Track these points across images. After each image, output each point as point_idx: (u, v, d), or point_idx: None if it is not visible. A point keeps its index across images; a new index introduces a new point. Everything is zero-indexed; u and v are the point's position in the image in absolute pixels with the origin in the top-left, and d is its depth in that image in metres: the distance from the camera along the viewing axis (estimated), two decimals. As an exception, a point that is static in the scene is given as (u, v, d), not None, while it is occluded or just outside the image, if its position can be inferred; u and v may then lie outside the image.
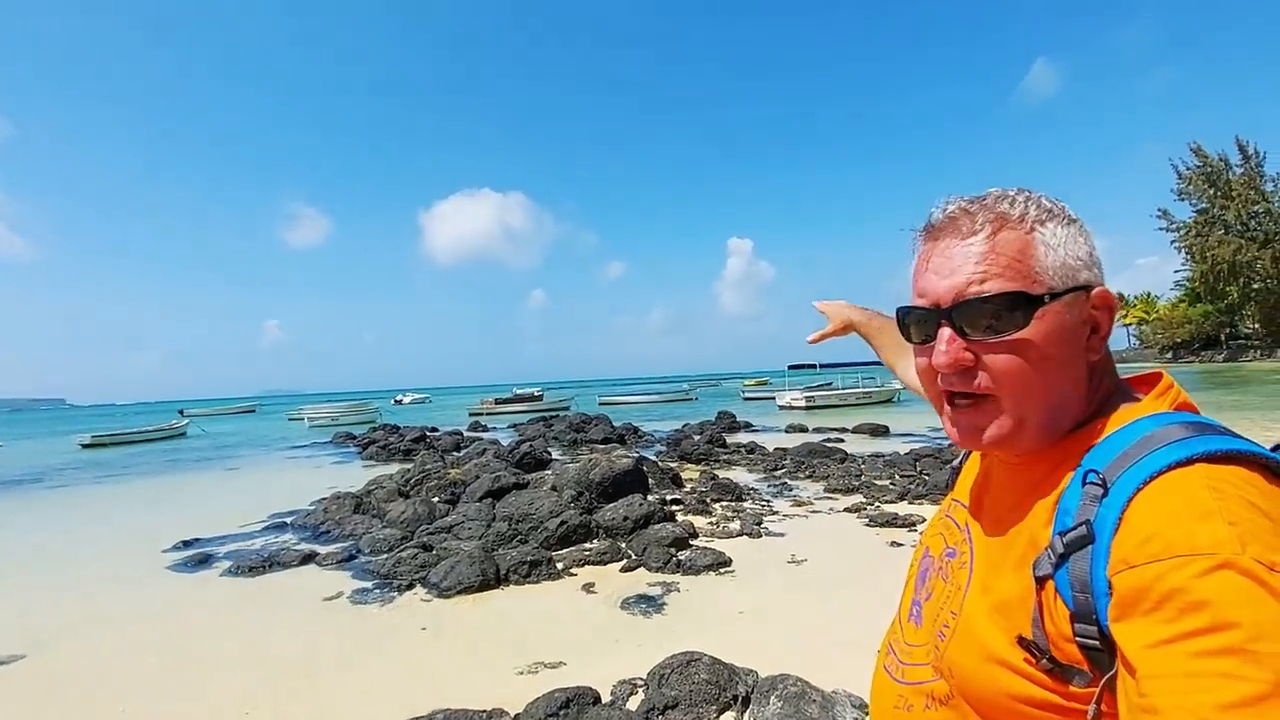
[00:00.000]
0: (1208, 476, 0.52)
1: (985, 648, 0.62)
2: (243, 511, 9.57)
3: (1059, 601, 0.56)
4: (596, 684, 3.49)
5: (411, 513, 7.75)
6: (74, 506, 11.82)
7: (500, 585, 5.52)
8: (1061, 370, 0.64)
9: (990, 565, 0.67)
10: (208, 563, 6.95)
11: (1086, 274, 0.65)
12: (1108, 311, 0.66)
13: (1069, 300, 0.63)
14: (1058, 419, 0.65)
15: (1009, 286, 0.62)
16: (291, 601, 5.53)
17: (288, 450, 20.94)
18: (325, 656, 4.30)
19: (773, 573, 5.68)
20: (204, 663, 4.30)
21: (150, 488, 13.94)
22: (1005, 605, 0.62)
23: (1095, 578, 0.53)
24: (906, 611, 0.82)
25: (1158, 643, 0.48)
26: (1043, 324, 0.62)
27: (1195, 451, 0.54)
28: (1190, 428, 0.57)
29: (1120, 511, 0.54)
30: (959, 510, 0.80)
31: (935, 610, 0.73)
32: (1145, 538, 0.51)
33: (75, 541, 8.59)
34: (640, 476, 8.31)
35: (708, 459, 12.78)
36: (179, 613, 5.40)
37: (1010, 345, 0.63)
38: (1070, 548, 0.56)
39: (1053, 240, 0.64)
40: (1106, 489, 0.56)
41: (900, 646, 0.80)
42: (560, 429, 18.92)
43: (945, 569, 0.75)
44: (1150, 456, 0.55)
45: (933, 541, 0.83)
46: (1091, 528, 0.55)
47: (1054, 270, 0.63)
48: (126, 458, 20.63)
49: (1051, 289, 0.63)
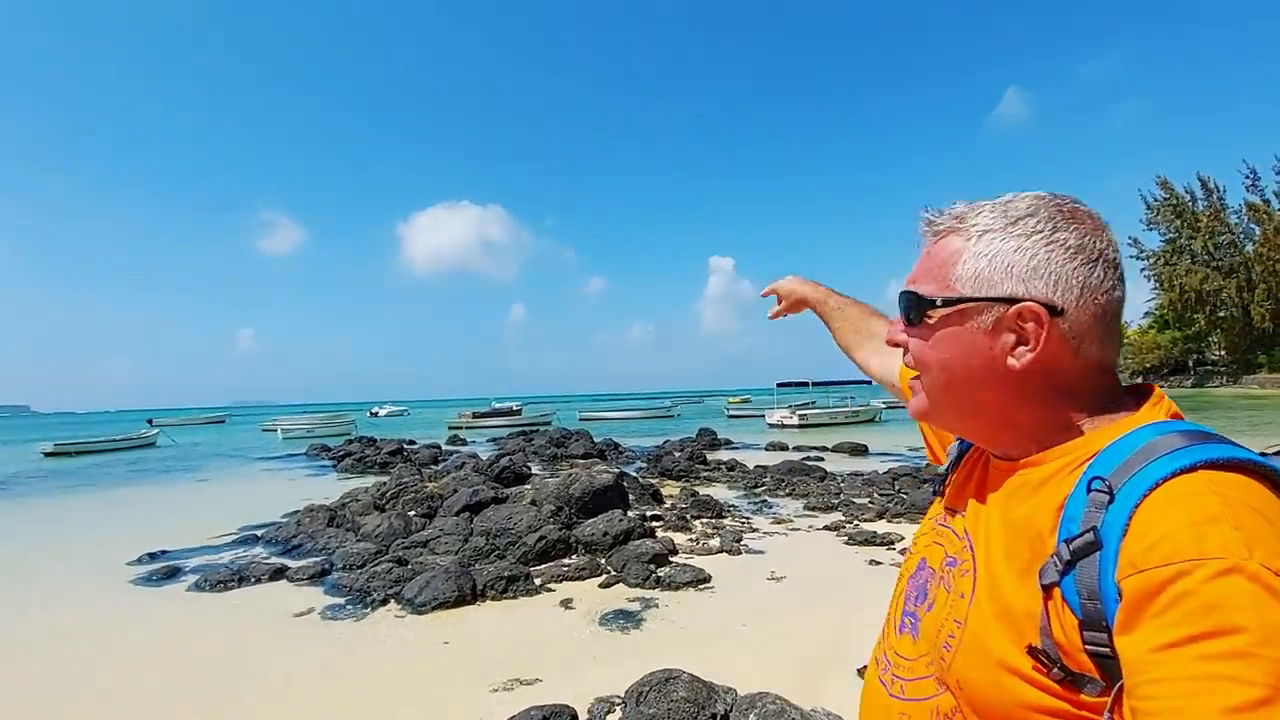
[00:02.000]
0: (1212, 483, 0.53)
1: (995, 657, 0.61)
2: (212, 524, 9.32)
3: (1066, 609, 0.56)
4: (574, 701, 3.44)
5: (387, 527, 7.61)
6: (34, 517, 11.44)
7: (477, 601, 5.43)
8: (961, 369, 0.69)
9: (995, 573, 0.66)
10: (174, 576, 6.76)
11: (1013, 287, 0.66)
12: (1035, 325, 0.65)
13: (968, 308, 0.68)
14: (986, 415, 0.70)
15: (918, 288, 0.72)
16: (260, 618, 5.38)
17: (260, 462, 20.51)
18: (294, 676, 4.18)
19: (752, 590, 5.66)
20: (166, 682, 4.15)
21: (115, 498, 13.55)
22: (1012, 614, 0.61)
23: (1104, 584, 0.54)
24: (897, 622, 0.80)
25: (1165, 645, 0.48)
26: (933, 325, 0.70)
27: (1198, 459, 0.54)
28: (1190, 436, 0.58)
29: (1127, 517, 0.54)
30: (956, 519, 0.79)
31: (938, 621, 0.71)
32: (1153, 542, 0.51)
33: (34, 553, 8.30)
34: (620, 492, 8.27)
35: (688, 475, 12.77)
36: (142, 629, 5.23)
37: (918, 333, 0.73)
38: (1077, 554, 0.56)
39: (983, 250, 0.68)
40: (1113, 496, 0.56)
41: (894, 659, 0.78)
42: (540, 444, 18.79)
43: (947, 578, 0.74)
44: (1155, 463, 0.56)
45: (929, 552, 0.81)
46: (1098, 534, 0.55)
47: (964, 279, 0.68)
48: (91, 467, 20.04)
49: (947, 295, 0.69)
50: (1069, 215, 0.67)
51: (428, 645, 4.61)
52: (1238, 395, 41.38)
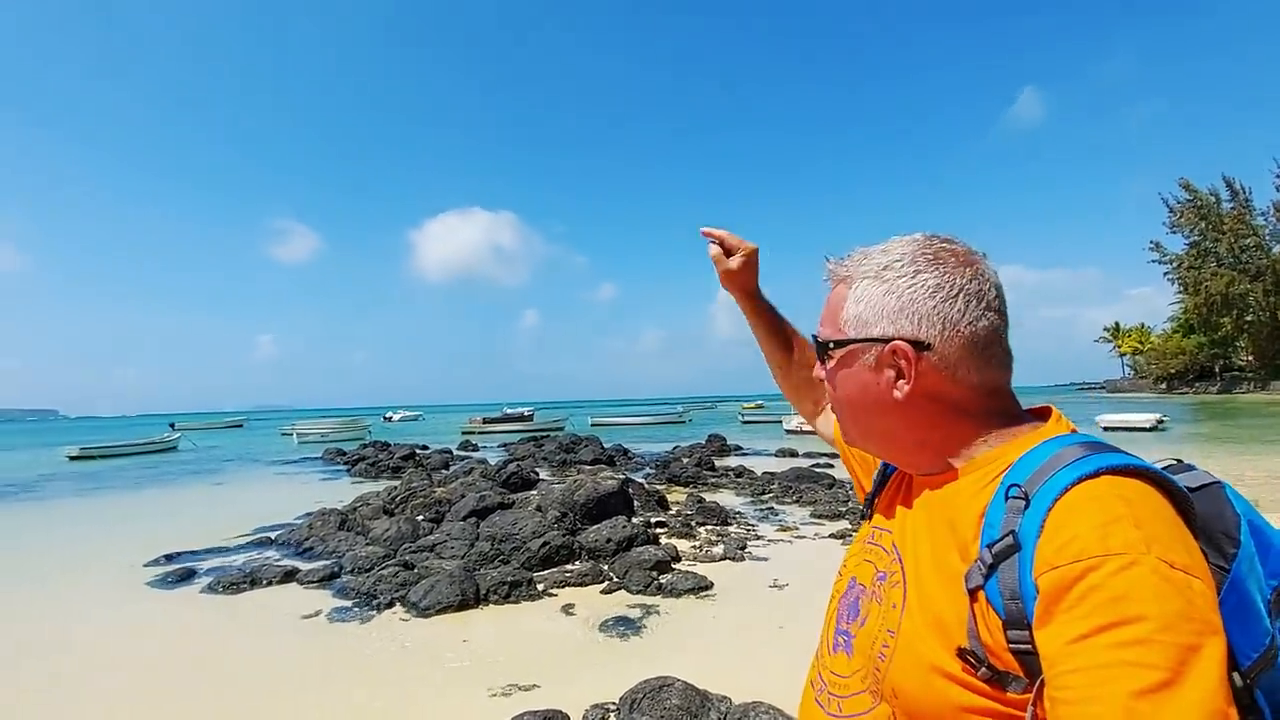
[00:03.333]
0: (1114, 486, 0.59)
1: (927, 661, 0.65)
2: (227, 526, 9.49)
3: (991, 611, 0.61)
4: (569, 707, 3.48)
5: (395, 531, 7.71)
6: (57, 519, 11.72)
7: (479, 605, 5.49)
8: (863, 402, 0.78)
9: (924, 583, 0.70)
10: (189, 578, 6.89)
11: (884, 328, 0.74)
12: (906, 360, 0.73)
13: (854, 349, 0.77)
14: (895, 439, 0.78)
15: (823, 332, 0.82)
16: (270, 620, 5.48)
17: (277, 466, 20.80)
18: (300, 676, 4.26)
19: (754, 598, 5.67)
20: (178, 682, 4.25)
21: (135, 501, 13.83)
22: (941, 620, 0.65)
23: (1024, 583, 0.59)
24: (832, 643, 0.83)
25: (1078, 637, 0.53)
26: (834, 364, 0.80)
27: (1101, 465, 0.61)
28: (1091, 446, 0.65)
29: (1042, 520, 0.59)
30: (884, 536, 0.83)
31: (871, 634, 0.74)
32: (1065, 542, 0.57)
33: (56, 554, 8.50)
34: (625, 498, 8.31)
35: (695, 482, 12.76)
36: (156, 630, 5.35)
37: (829, 373, 0.82)
38: (998, 558, 0.61)
39: (861, 295, 0.77)
40: (1028, 501, 0.62)
41: (829, 678, 0.81)
42: (550, 449, 18.87)
43: (879, 592, 0.77)
44: (1064, 470, 0.62)
45: (860, 570, 0.85)
46: (1017, 537, 0.61)
47: (849, 322, 0.78)
48: (114, 470, 20.46)
49: (837, 339, 0.79)
50: (932, 258, 0.74)
51: (429, 649, 4.67)
52: (1267, 402, 40.45)
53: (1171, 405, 34.79)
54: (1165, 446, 17.77)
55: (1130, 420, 23.05)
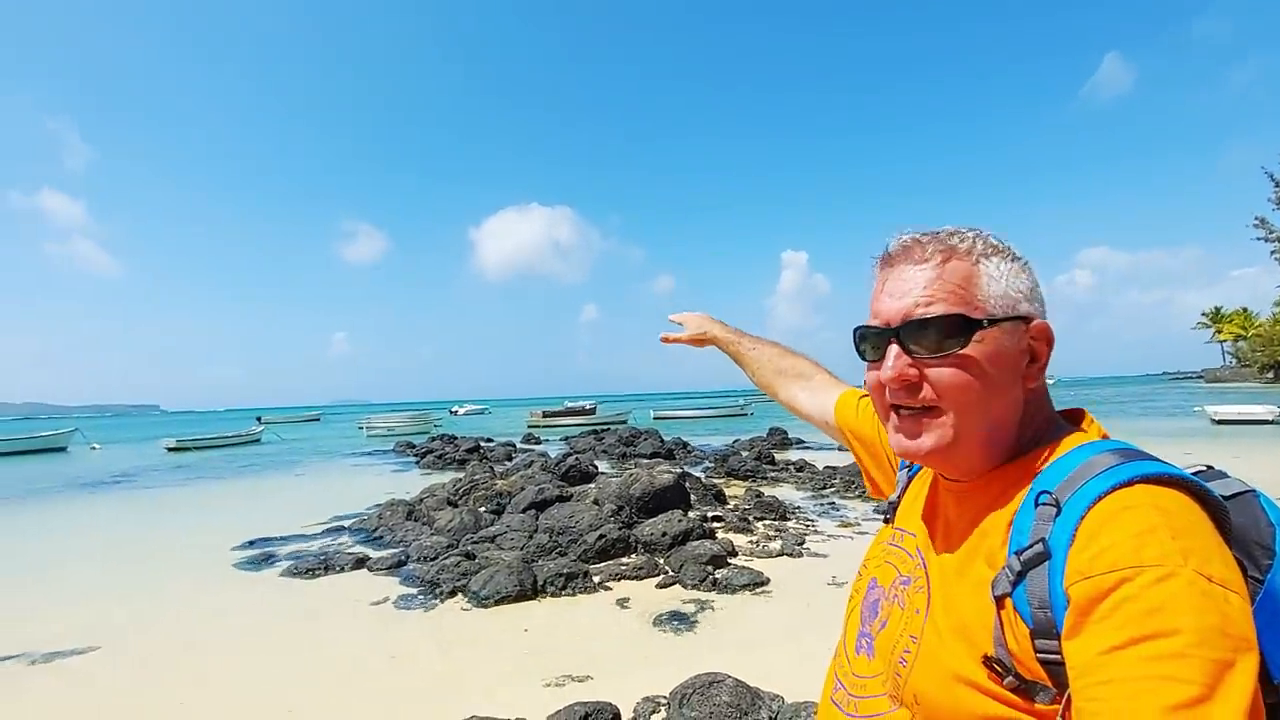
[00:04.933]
0: (1150, 495, 0.57)
1: (950, 669, 0.64)
2: (306, 514, 10.07)
3: (1018, 619, 0.60)
4: (620, 700, 3.51)
5: (458, 521, 7.97)
6: (156, 506, 12.70)
7: (537, 596, 5.61)
8: (998, 391, 0.69)
9: (948, 588, 0.69)
10: (270, 562, 7.36)
11: (1027, 306, 0.71)
12: (1045, 342, 0.71)
13: (1007, 327, 0.70)
14: (995, 437, 0.70)
15: (952, 309, 0.69)
16: (341, 605, 5.77)
17: (351, 458, 21.84)
18: (368, 660, 4.47)
19: (811, 595, 5.56)
20: (257, 660, 4.54)
21: (224, 490, 14.83)
22: (966, 626, 0.64)
23: (1054, 592, 0.57)
24: (854, 645, 0.82)
25: (1110, 648, 0.51)
26: (981, 346, 0.68)
27: (1136, 474, 0.59)
28: (1125, 454, 0.63)
29: (1074, 528, 0.58)
30: (908, 539, 0.82)
31: (892, 638, 0.74)
32: (1098, 551, 0.55)
33: (155, 539, 9.23)
34: (681, 492, 8.30)
35: (754, 476, 12.61)
36: (239, 610, 5.72)
37: (951, 362, 0.69)
38: (1027, 565, 0.60)
39: (995, 273, 0.71)
40: (1059, 508, 0.60)
41: (849, 679, 0.80)
42: (610, 442, 19.04)
43: (900, 596, 0.76)
44: (1098, 478, 0.60)
45: (881, 572, 0.84)
46: (1047, 545, 0.59)
47: (995, 299, 0.70)
48: (206, 461, 22.00)
49: (990, 315, 0.69)
50: (1004, 248, 0.74)
51: (488, 638, 4.81)
52: (1391, 392, 36.60)
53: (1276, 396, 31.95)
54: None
55: (1247, 412, 20.77)
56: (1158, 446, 0.69)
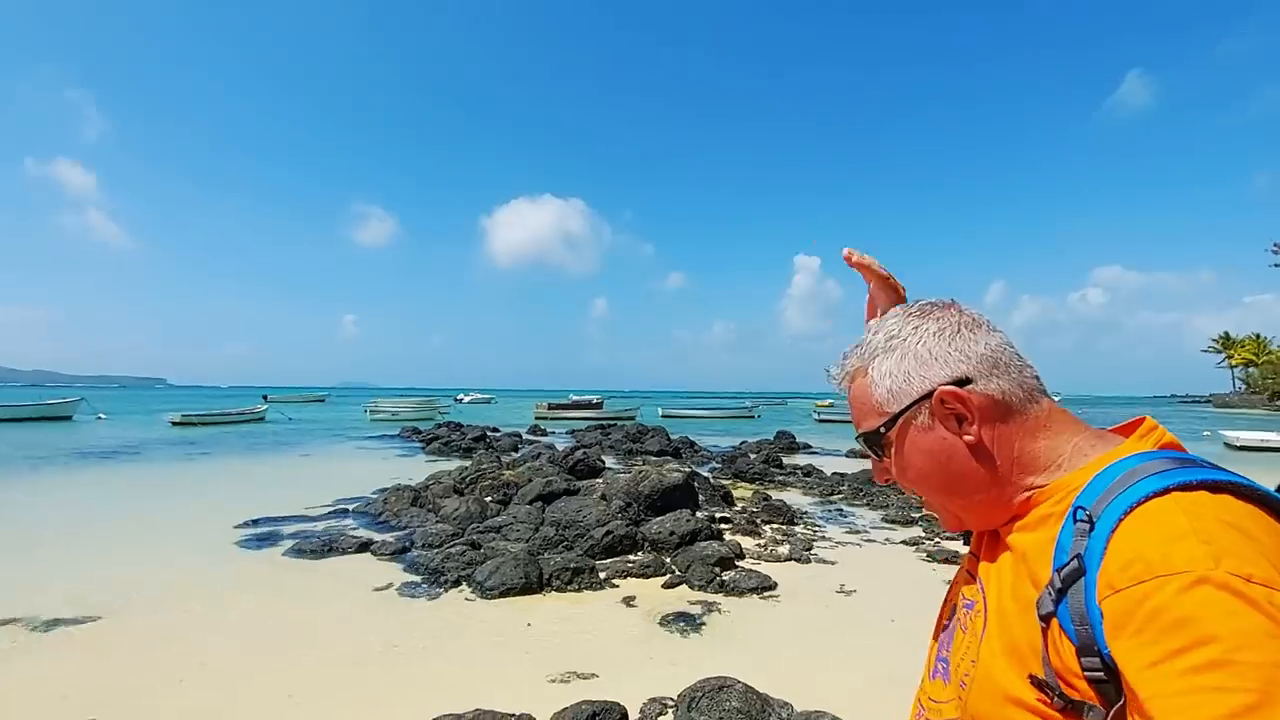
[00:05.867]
0: (1180, 502, 0.56)
1: (1002, 690, 0.65)
2: (311, 495, 10.06)
3: (1064, 637, 0.59)
4: (626, 700, 3.44)
5: (464, 510, 7.92)
6: (159, 480, 12.72)
7: (542, 590, 5.55)
8: (945, 465, 0.74)
9: (1003, 610, 0.70)
10: (273, 541, 7.33)
11: (920, 384, 0.75)
12: (959, 401, 0.73)
13: (908, 416, 0.75)
14: (984, 497, 0.74)
15: (866, 425, 0.79)
16: (344, 588, 5.73)
17: (358, 440, 21.90)
18: (370, 647, 4.42)
19: (819, 601, 5.48)
20: (258, 641, 4.50)
21: (229, 467, 14.86)
22: (1016, 647, 0.65)
23: (1090, 608, 0.56)
24: (931, 668, 0.85)
25: (1150, 663, 0.50)
26: (898, 442, 0.77)
27: (1170, 482, 0.58)
28: (1170, 462, 0.62)
29: (1105, 542, 0.58)
30: (975, 564, 0.84)
31: (958, 663, 0.76)
32: (1126, 563, 0.55)
33: (158, 513, 9.23)
34: (690, 491, 8.22)
35: (762, 479, 12.52)
36: (242, 589, 5.69)
37: (896, 459, 0.78)
38: (1067, 582, 0.59)
39: (879, 375, 0.78)
40: (1092, 523, 0.60)
41: (928, 703, 0.82)
42: (617, 438, 19.00)
43: (965, 620, 0.79)
44: (1130, 489, 0.60)
45: (958, 599, 0.86)
46: (1082, 560, 0.59)
47: (884, 399, 0.77)
48: (211, 437, 22.10)
49: (885, 418, 0.77)
50: (918, 313, 0.79)
51: (493, 630, 4.75)
52: None
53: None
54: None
55: (1268, 440, 20.54)
56: None
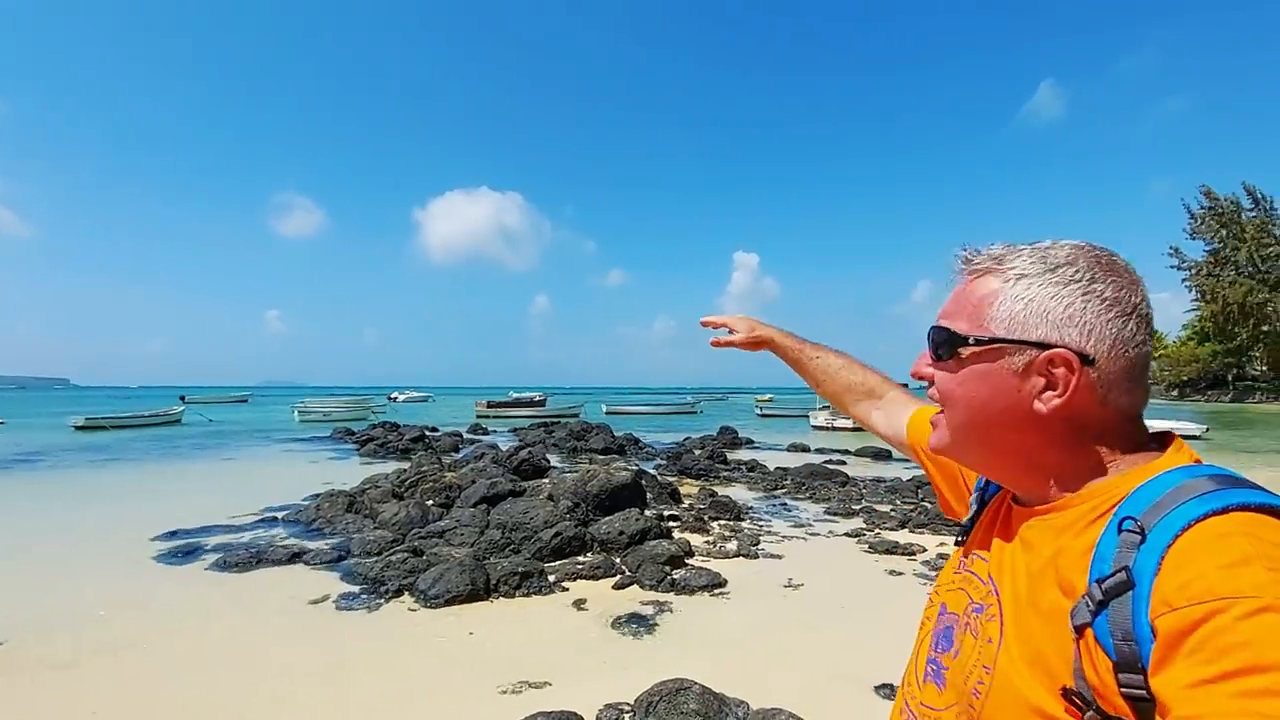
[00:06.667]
0: (1245, 524, 0.54)
1: (1026, 701, 0.61)
2: (235, 503, 9.46)
3: (1100, 651, 0.56)
4: (582, 707, 3.37)
5: (404, 515, 7.63)
6: (63, 490, 11.71)
7: (489, 596, 5.38)
8: (988, 406, 0.70)
9: (1022, 616, 0.67)
10: (194, 554, 6.84)
11: (1046, 332, 0.68)
12: (1064, 370, 0.67)
13: (1000, 349, 0.69)
14: (1014, 457, 0.71)
15: (951, 324, 0.73)
16: (275, 602, 5.40)
17: (285, 443, 20.85)
18: (306, 664, 4.16)
19: (768, 597, 5.54)
20: (179, 663, 4.17)
21: (143, 473, 13.86)
22: (1042, 657, 0.62)
23: (1138, 624, 0.54)
24: (922, 672, 0.80)
25: (1199, 682, 0.48)
26: (964, 362, 0.72)
27: (1231, 502, 0.55)
28: (1221, 480, 0.59)
29: (1160, 556, 0.55)
30: (979, 564, 0.79)
31: (965, 668, 0.71)
32: (1186, 581, 0.52)
33: (62, 526, 8.48)
34: (638, 490, 8.19)
35: (708, 475, 12.64)
36: (160, 607, 5.28)
37: (945, 368, 0.74)
38: (1109, 594, 0.56)
39: (1020, 294, 0.69)
40: (1144, 536, 0.57)
41: (919, 709, 0.78)
42: (561, 436, 18.81)
43: (974, 624, 0.73)
44: (1187, 505, 0.57)
45: (951, 598, 0.81)
46: (1131, 573, 0.56)
47: (999, 320, 0.70)
48: (121, 442, 20.55)
49: (979, 335, 0.70)
50: (1107, 267, 0.69)
51: (438, 641, 4.57)
52: (1278, 413, 39.91)
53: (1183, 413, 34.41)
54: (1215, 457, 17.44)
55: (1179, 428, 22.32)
56: None
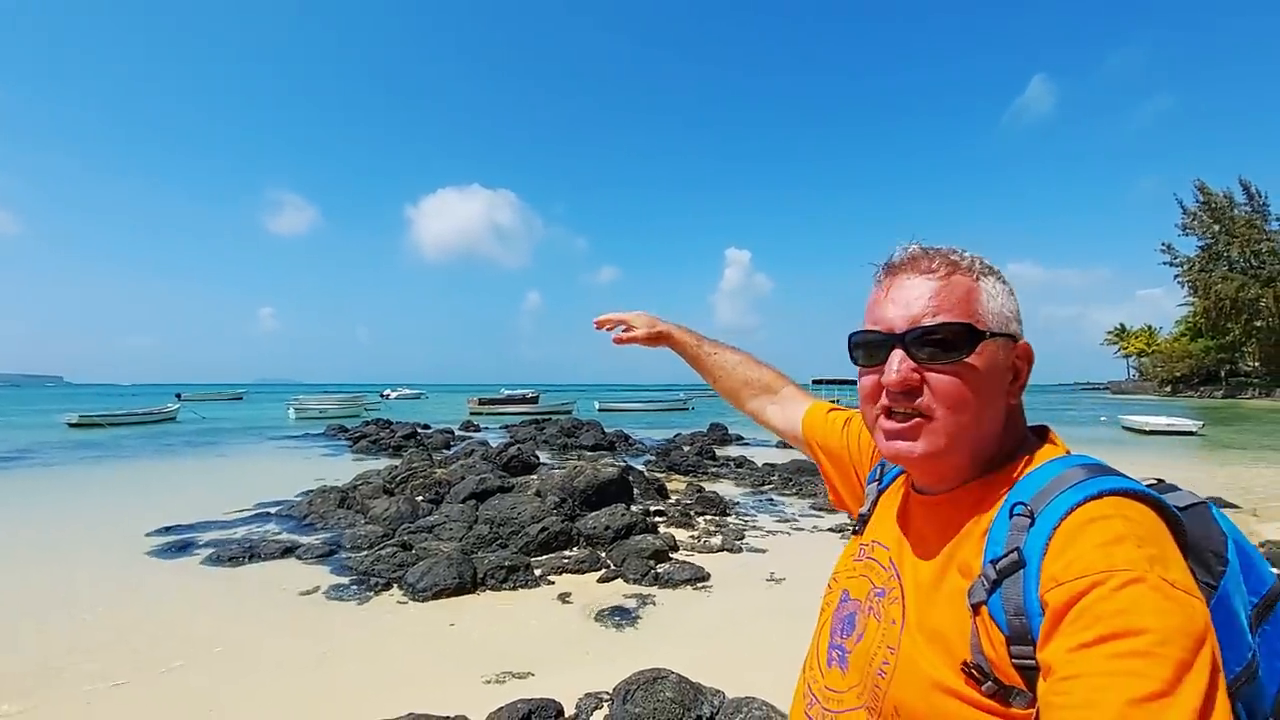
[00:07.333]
0: (1117, 507, 0.61)
1: (930, 678, 0.66)
2: (229, 499, 9.54)
3: (994, 626, 0.62)
4: (563, 696, 3.47)
5: (395, 510, 7.73)
6: (57, 487, 11.76)
7: (476, 590, 5.50)
8: (987, 403, 0.73)
9: (925, 598, 0.71)
10: (188, 549, 6.94)
11: (1015, 326, 0.76)
12: (1028, 362, 0.77)
13: (1001, 343, 0.74)
14: (979, 448, 0.74)
15: (959, 319, 0.73)
16: (267, 595, 5.50)
17: (279, 440, 20.89)
18: (297, 654, 4.27)
19: (750, 590, 5.66)
20: (174, 655, 4.27)
21: (137, 470, 13.91)
22: (943, 635, 0.67)
23: (1029, 599, 0.60)
24: (825, 657, 0.83)
25: (1078, 646, 0.54)
26: (981, 357, 0.72)
27: (1104, 488, 0.63)
28: (1092, 469, 0.67)
29: (1048, 538, 0.61)
30: (880, 551, 0.83)
31: (870, 651, 0.75)
32: (1071, 559, 0.59)
33: (55, 522, 8.55)
34: (625, 486, 8.30)
35: (696, 470, 12.76)
36: (154, 601, 5.37)
37: (953, 370, 0.72)
38: (1003, 574, 0.63)
39: (992, 291, 0.76)
40: (1034, 519, 0.64)
41: (823, 693, 0.81)
42: (551, 433, 18.90)
43: (876, 608, 0.78)
44: (1070, 490, 0.64)
45: (853, 584, 0.85)
46: (1022, 554, 0.62)
47: (992, 315, 0.74)
48: (115, 439, 20.56)
49: (990, 329, 0.73)
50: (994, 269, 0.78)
51: (425, 633, 4.68)
52: (1271, 408, 40.22)
53: (1175, 408, 34.65)
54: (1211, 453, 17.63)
55: (1176, 424, 22.44)
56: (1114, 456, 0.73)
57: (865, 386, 0.79)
